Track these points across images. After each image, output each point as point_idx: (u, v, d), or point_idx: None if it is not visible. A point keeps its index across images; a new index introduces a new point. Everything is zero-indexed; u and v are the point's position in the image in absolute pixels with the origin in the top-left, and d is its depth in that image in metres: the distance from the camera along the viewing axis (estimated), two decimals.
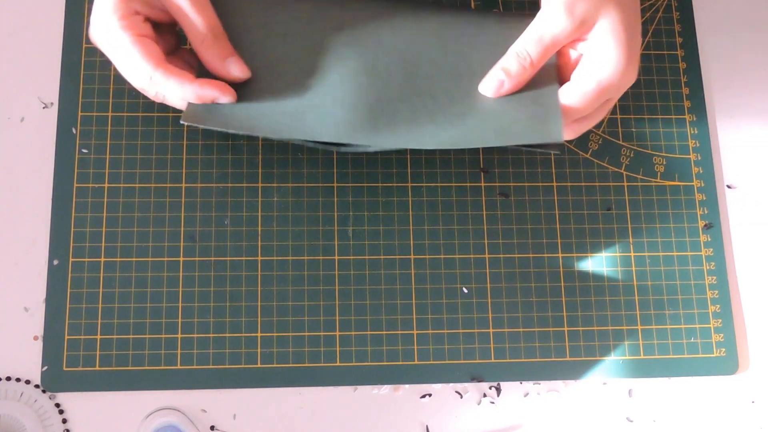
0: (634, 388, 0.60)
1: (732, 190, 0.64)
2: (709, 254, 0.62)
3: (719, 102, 0.65)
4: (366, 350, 0.58)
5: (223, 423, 0.57)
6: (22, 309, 0.57)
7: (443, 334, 0.59)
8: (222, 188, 0.60)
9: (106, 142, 0.60)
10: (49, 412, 0.56)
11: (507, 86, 0.53)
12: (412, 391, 0.58)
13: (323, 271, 0.59)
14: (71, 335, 0.57)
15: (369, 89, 0.53)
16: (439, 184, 0.61)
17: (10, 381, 0.56)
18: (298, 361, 0.58)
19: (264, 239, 0.59)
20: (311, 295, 0.59)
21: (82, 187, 0.59)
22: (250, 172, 0.61)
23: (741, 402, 0.60)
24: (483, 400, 0.59)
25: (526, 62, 0.52)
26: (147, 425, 0.56)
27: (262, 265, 0.59)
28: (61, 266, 0.58)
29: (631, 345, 0.60)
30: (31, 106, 0.61)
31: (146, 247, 0.59)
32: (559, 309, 0.60)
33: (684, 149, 0.64)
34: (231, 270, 0.59)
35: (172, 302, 0.58)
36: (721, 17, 0.67)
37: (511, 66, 0.52)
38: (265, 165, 0.61)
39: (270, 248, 0.59)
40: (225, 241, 0.59)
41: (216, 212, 0.60)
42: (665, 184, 0.63)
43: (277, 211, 0.60)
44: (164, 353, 0.57)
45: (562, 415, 0.59)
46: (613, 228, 0.62)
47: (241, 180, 0.60)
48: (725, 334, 0.60)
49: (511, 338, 0.59)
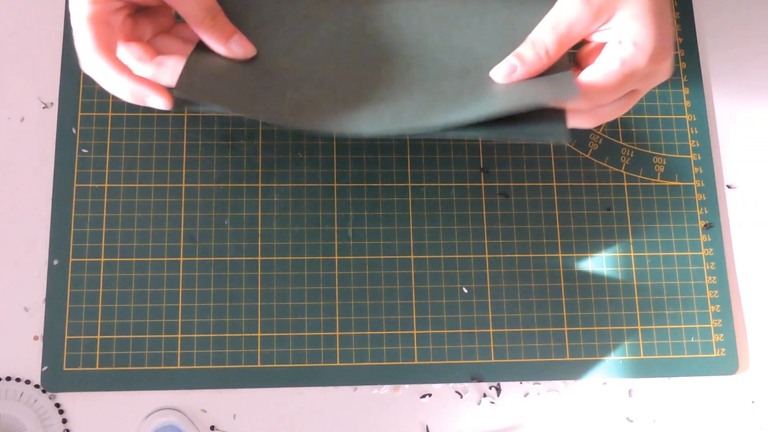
0: (634, 388, 0.60)
1: (732, 190, 0.64)
2: (709, 254, 0.62)
3: (719, 102, 0.65)
4: (366, 350, 0.58)
5: (223, 423, 0.57)
6: (22, 309, 0.57)
7: (443, 334, 0.59)
8: (222, 188, 0.60)
9: (106, 142, 0.60)
10: (49, 412, 0.56)
11: (519, 72, 0.50)
12: (412, 391, 0.58)
13: (323, 271, 0.59)
14: (71, 335, 0.57)
15: (373, 88, 0.51)
16: (439, 184, 0.61)
17: (10, 381, 0.56)
18: (298, 361, 0.58)
19: (264, 239, 0.59)
20: (311, 295, 0.59)
21: (82, 187, 0.59)
22: (250, 172, 0.61)
23: (741, 402, 0.60)
24: (483, 400, 0.59)
25: (542, 51, 0.50)
26: (147, 425, 0.56)
27: (262, 265, 0.59)
28: (61, 266, 0.58)
29: (631, 345, 0.60)
30: (31, 106, 0.61)
31: (146, 247, 0.59)
32: (559, 309, 0.60)
33: (684, 149, 0.64)
34: (231, 270, 0.59)
35: (172, 302, 0.58)
36: (721, 17, 0.67)
37: (526, 53, 0.50)
38: (265, 165, 0.61)
39: (270, 248, 0.59)
40: (225, 241, 0.59)
41: (216, 212, 0.60)
42: (665, 184, 0.63)
43: (277, 211, 0.60)
44: (164, 353, 0.57)
45: (562, 415, 0.59)
46: (613, 228, 0.62)
47: (241, 180, 0.60)
48: (725, 334, 0.60)
49: (511, 338, 0.59)
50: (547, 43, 0.50)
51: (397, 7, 0.54)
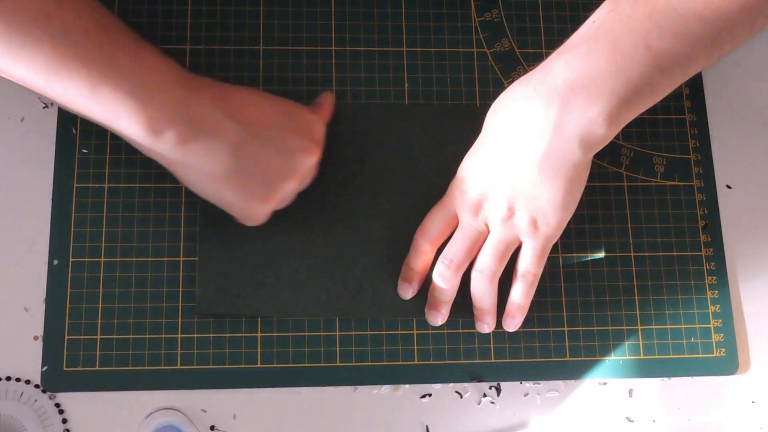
0: (634, 388, 0.60)
1: (732, 190, 0.64)
2: (709, 254, 0.62)
3: (719, 102, 0.65)
4: (366, 350, 0.58)
5: (223, 423, 0.57)
6: (22, 309, 0.57)
7: (443, 334, 0.59)
8: None
9: (106, 142, 0.60)
10: (49, 412, 0.56)
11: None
12: (412, 391, 0.58)
13: None
14: (71, 335, 0.57)
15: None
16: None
17: (10, 381, 0.56)
18: (298, 361, 0.58)
19: None
20: None
21: (82, 187, 0.59)
22: None
23: (741, 402, 0.60)
24: (483, 400, 0.59)
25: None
26: (147, 425, 0.56)
27: None
28: (61, 266, 0.58)
29: (631, 345, 0.60)
30: (31, 106, 0.61)
31: (146, 247, 0.59)
32: (559, 309, 0.60)
33: (684, 149, 0.64)
34: None
35: (172, 302, 0.58)
36: None
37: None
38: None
39: None
40: None
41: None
42: (665, 184, 0.63)
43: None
44: (164, 353, 0.57)
45: (562, 415, 0.59)
46: (613, 228, 0.62)
47: None
48: (725, 334, 0.60)
49: (511, 338, 0.59)
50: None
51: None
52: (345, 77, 0.62)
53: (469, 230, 0.55)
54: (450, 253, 0.56)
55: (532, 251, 0.55)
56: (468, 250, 0.56)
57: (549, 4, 0.65)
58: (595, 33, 0.50)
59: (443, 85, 0.63)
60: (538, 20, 0.65)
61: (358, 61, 0.63)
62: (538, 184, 0.52)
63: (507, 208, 0.54)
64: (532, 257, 0.55)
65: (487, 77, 0.63)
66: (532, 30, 0.65)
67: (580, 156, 0.51)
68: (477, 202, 0.55)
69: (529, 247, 0.55)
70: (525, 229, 0.54)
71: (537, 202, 0.53)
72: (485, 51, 0.64)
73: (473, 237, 0.56)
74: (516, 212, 0.54)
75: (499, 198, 0.54)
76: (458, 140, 0.59)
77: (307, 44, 0.63)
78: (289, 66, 0.62)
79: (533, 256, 0.55)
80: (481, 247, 0.56)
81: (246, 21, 0.63)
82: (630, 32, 0.49)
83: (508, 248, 0.55)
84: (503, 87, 0.63)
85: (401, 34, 0.64)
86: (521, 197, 0.53)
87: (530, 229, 0.54)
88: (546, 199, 0.53)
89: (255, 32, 0.63)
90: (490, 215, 0.55)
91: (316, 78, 0.62)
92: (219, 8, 0.63)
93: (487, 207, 0.54)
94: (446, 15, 0.64)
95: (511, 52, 0.64)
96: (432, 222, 0.57)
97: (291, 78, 0.62)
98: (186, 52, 0.62)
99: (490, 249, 0.55)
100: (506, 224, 0.54)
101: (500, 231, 0.55)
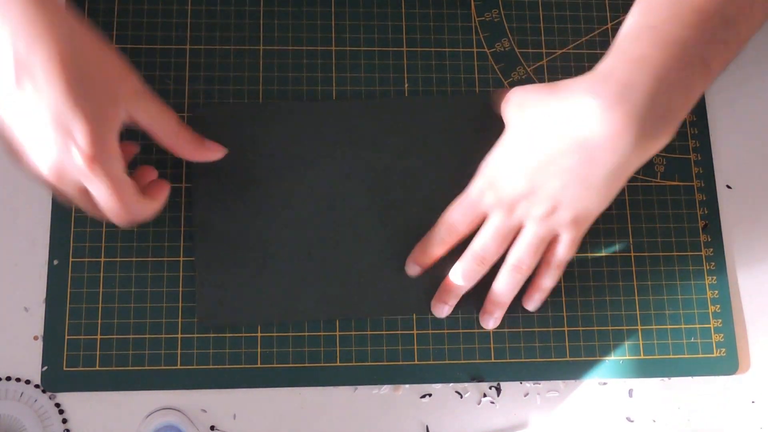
0: (634, 388, 0.60)
1: (732, 190, 0.64)
2: (709, 254, 0.62)
3: (719, 102, 0.65)
4: (366, 350, 0.58)
5: (223, 423, 0.57)
6: (22, 309, 0.57)
7: (443, 334, 0.59)
8: None
9: None
10: (49, 412, 0.56)
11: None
12: (412, 391, 0.58)
13: None
14: (71, 335, 0.57)
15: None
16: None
17: (10, 381, 0.56)
18: (298, 361, 0.58)
19: None
20: None
21: None
22: None
23: (741, 402, 0.60)
24: (483, 400, 0.59)
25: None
26: (147, 425, 0.56)
27: None
28: (61, 266, 0.58)
29: (631, 345, 0.60)
30: None
31: (146, 247, 0.59)
32: (559, 309, 0.60)
33: (684, 149, 0.64)
34: None
35: (172, 302, 0.58)
36: None
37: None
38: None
39: None
40: None
41: None
42: (665, 184, 0.63)
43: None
44: (164, 353, 0.57)
45: (562, 415, 0.59)
46: (613, 228, 0.62)
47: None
48: (725, 334, 0.60)
49: (511, 338, 0.59)
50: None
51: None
52: (345, 77, 0.62)
53: (502, 228, 0.55)
54: (481, 249, 0.55)
55: (569, 242, 0.55)
56: (498, 247, 0.55)
57: (549, 4, 0.65)
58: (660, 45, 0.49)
59: (443, 85, 0.63)
60: (538, 20, 0.65)
61: (358, 61, 0.63)
62: (595, 191, 0.51)
63: (551, 206, 0.53)
64: (569, 247, 0.55)
65: (487, 77, 0.63)
66: (532, 30, 0.65)
67: (640, 164, 0.51)
68: (513, 201, 0.54)
69: (566, 239, 0.55)
70: (566, 224, 0.54)
71: (584, 201, 0.52)
72: (485, 51, 0.64)
73: (505, 235, 0.55)
74: (559, 210, 0.53)
75: (542, 199, 0.52)
76: (457, 135, 0.58)
77: (307, 44, 0.63)
78: (289, 66, 0.62)
79: (569, 246, 0.55)
80: (513, 243, 0.55)
81: (246, 21, 0.63)
82: (686, 45, 0.49)
83: (543, 243, 0.55)
84: (503, 87, 0.63)
85: (401, 34, 0.64)
86: (567, 197, 0.52)
87: (571, 224, 0.54)
88: (596, 202, 0.52)
89: (255, 32, 0.63)
90: (529, 213, 0.54)
91: (316, 78, 0.62)
92: (219, 8, 0.63)
93: (525, 205, 0.53)
94: (446, 15, 0.65)
95: (511, 52, 0.64)
96: (458, 215, 0.56)
97: (291, 78, 0.62)
98: (186, 52, 0.62)
99: (526, 245, 0.55)
100: (546, 221, 0.53)
101: (538, 227, 0.54)
